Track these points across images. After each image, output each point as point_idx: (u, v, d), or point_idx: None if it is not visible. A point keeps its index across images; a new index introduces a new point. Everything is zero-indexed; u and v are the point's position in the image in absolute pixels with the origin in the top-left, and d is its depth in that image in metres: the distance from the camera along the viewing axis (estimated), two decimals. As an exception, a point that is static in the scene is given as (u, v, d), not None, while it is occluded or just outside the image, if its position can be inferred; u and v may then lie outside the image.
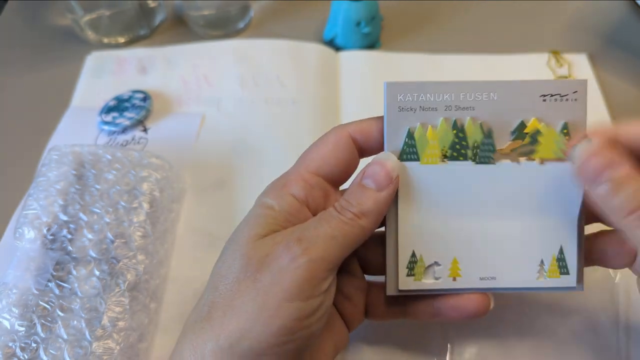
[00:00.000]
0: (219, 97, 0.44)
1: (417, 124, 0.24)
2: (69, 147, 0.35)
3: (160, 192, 0.33)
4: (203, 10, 0.47)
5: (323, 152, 0.24)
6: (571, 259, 0.25)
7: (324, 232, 0.21)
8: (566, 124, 0.24)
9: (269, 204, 0.23)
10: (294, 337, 0.20)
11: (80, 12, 0.46)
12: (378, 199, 0.22)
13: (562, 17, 0.50)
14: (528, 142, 0.24)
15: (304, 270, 0.20)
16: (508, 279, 0.25)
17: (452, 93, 0.23)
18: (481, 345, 0.30)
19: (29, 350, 0.27)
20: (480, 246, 0.24)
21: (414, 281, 0.25)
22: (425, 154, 0.24)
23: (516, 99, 0.24)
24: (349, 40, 0.46)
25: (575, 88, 0.23)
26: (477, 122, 0.24)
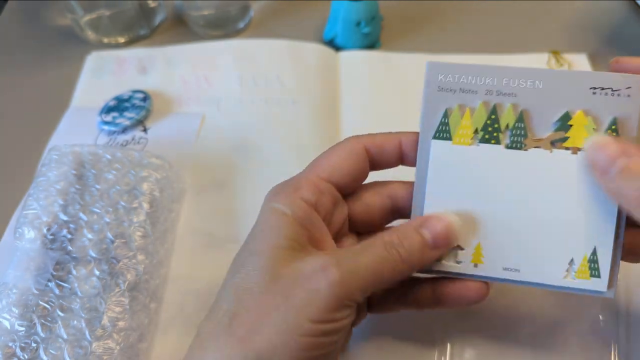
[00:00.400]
0: (219, 97, 0.44)
1: (455, 105, 0.23)
2: (69, 147, 0.35)
3: (160, 192, 0.33)
4: (203, 10, 0.47)
5: (335, 160, 0.24)
6: (604, 261, 0.23)
7: (367, 265, 0.21)
8: (615, 120, 0.23)
9: (282, 210, 0.23)
10: (321, 352, 0.21)
11: (80, 12, 0.46)
12: (427, 254, 0.22)
13: (562, 17, 0.50)
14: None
15: (338, 297, 0.20)
16: (533, 274, 0.24)
17: (495, 77, 0.23)
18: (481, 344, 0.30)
19: (29, 350, 0.27)
20: (506, 234, 0.24)
21: (435, 261, 0.24)
22: (457, 134, 0.24)
23: (563, 89, 0.23)
24: (349, 40, 0.46)
25: (629, 83, 0.22)
26: (518, 109, 0.23)
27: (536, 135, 0.23)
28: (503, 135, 0.23)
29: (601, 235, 0.23)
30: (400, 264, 0.22)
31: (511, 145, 0.23)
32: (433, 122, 0.24)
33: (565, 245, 0.23)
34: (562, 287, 0.24)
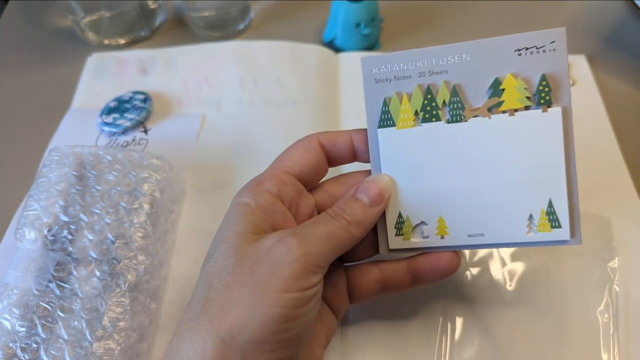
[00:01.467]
0: (219, 98, 0.44)
1: (393, 93, 0.25)
2: (70, 148, 0.35)
3: (160, 192, 0.33)
4: (203, 12, 0.48)
5: (293, 154, 0.26)
6: (562, 211, 0.24)
7: (320, 232, 0.23)
8: (544, 76, 0.23)
9: (245, 201, 0.24)
10: (292, 324, 0.21)
11: (81, 14, 0.46)
12: (369, 213, 0.24)
13: (561, 18, 0.51)
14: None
15: (301, 263, 0.21)
16: (496, 235, 0.25)
17: (425, 59, 0.24)
18: (480, 344, 0.30)
19: (29, 350, 0.27)
20: (465, 203, 0.25)
21: (403, 240, 0.26)
22: (400, 119, 0.25)
23: (490, 57, 0.24)
24: (349, 41, 0.46)
25: (552, 38, 0.23)
26: (450, 84, 0.24)
27: (473, 106, 0.24)
28: (442, 112, 0.25)
29: (553, 187, 0.24)
30: (350, 226, 0.23)
31: (451, 119, 0.24)
32: (375, 112, 0.25)
33: (522, 203, 0.24)
34: (526, 243, 0.25)
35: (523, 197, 0.24)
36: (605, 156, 0.39)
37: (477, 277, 0.32)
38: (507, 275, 0.32)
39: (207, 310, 0.21)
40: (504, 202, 0.24)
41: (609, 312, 0.31)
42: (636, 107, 0.43)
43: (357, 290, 0.27)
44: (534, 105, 0.24)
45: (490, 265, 0.33)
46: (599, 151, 0.39)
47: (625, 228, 0.34)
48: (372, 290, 0.27)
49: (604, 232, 0.34)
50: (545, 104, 0.24)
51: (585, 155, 0.39)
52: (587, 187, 0.37)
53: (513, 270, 0.33)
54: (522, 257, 0.33)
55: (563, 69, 0.23)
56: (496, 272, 0.33)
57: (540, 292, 0.32)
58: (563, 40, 0.23)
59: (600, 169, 0.38)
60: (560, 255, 0.33)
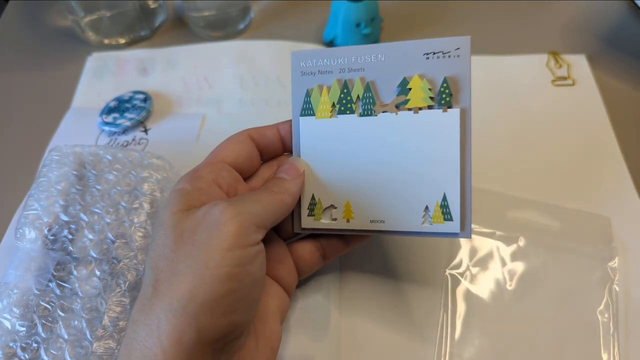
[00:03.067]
0: (219, 98, 0.44)
1: (314, 85, 0.27)
2: (70, 148, 0.35)
3: (160, 192, 0.33)
4: (203, 12, 0.48)
5: (227, 145, 0.28)
6: (454, 205, 0.26)
7: (250, 197, 0.24)
8: (446, 79, 0.25)
9: (181, 187, 0.25)
10: (240, 284, 0.22)
11: (81, 13, 0.46)
12: (291, 183, 0.26)
13: (562, 18, 0.51)
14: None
15: (237, 220, 0.22)
16: (395, 223, 0.27)
17: (345, 57, 0.27)
18: (480, 344, 0.30)
19: (29, 350, 0.27)
20: (370, 191, 0.27)
21: (313, 221, 0.28)
22: (319, 109, 0.27)
23: (401, 58, 0.26)
24: (349, 41, 0.46)
25: (457, 45, 0.25)
26: (365, 81, 0.27)
27: (383, 102, 0.26)
28: (356, 106, 0.27)
29: (448, 183, 0.26)
30: (277, 194, 0.25)
31: (363, 113, 0.27)
32: (299, 102, 0.28)
33: (420, 195, 0.26)
34: (421, 233, 0.27)
35: (421, 189, 0.26)
36: (605, 156, 0.39)
37: (477, 276, 0.32)
38: (507, 275, 0.32)
39: (157, 289, 0.21)
40: (403, 192, 0.26)
41: (609, 312, 0.31)
42: (636, 107, 0.43)
43: (303, 262, 0.29)
44: (436, 105, 0.26)
45: (490, 265, 0.33)
46: (599, 151, 0.39)
47: (625, 228, 0.34)
48: (314, 259, 0.29)
49: (604, 232, 0.34)
50: (446, 104, 0.26)
51: (586, 156, 0.39)
52: (587, 187, 0.37)
53: (513, 270, 0.33)
54: (522, 257, 0.33)
55: (465, 73, 0.25)
56: (496, 272, 0.33)
57: (540, 292, 0.32)
58: (467, 48, 0.25)
59: (600, 169, 0.38)
60: (560, 255, 0.33)
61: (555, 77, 0.44)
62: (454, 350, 0.30)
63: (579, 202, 0.35)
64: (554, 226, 0.34)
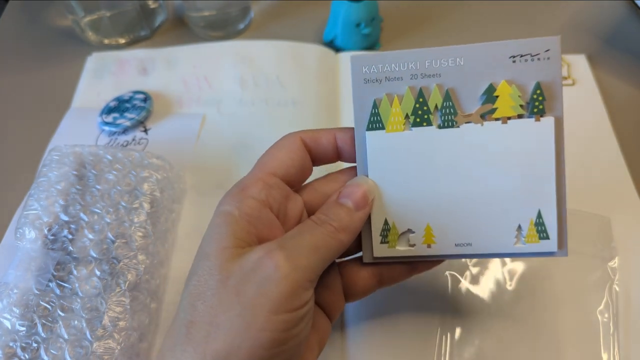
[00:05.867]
0: (219, 98, 0.44)
1: (383, 95, 0.24)
2: (70, 148, 0.35)
3: (160, 192, 0.33)
4: (203, 12, 0.48)
5: (278, 154, 0.24)
6: (551, 222, 0.24)
7: (307, 242, 0.21)
8: (539, 84, 0.23)
9: (228, 210, 0.22)
10: (284, 347, 0.20)
11: (81, 13, 0.46)
12: (355, 217, 0.23)
13: (562, 18, 0.51)
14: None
15: (290, 280, 0.20)
16: (484, 245, 0.24)
17: (417, 61, 0.23)
18: (480, 344, 0.30)
19: (29, 350, 0.27)
20: (453, 212, 0.24)
21: (388, 248, 0.25)
22: (390, 122, 0.24)
23: (484, 62, 0.23)
24: (349, 41, 0.46)
25: (547, 46, 0.23)
26: (443, 88, 0.24)
27: (465, 111, 0.24)
28: (434, 116, 0.24)
29: (543, 198, 0.23)
30: (337, 233, 0.22)
31: (443, 124, 0.24)
32: (364, 114, 0.24)
33: (511, 213, 0.24)
34: (515, 254, 0.24)
35: (512, 207, 0.24)
36: (605, 156, 0.39)
37: (477, 276, 0.32)
38: (507, 275, 0.32)
39: (191, 335, 0.20)
40: (493, 211, 0.24)
41: (609, 311, 0.31)
42: (636, 107, 0.43)
43: (354, 288, 0.26)
44: (527, 114, 0.23)
45: (490, 265, 0.33)
46: (599, 151, 0.39)
47: (625, 228, 0.34)
48: (369, 285, 0.26)
49: (604, 232, 0.34)
50: (539, 113, 0.23)
51: (585, 155, 0.39)
52: (587, 187, 0.37)
53: (513, 270, 0.33)
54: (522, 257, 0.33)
55: (557, 78, 0.23)
56: (496, 271, 0.33)
57: (540, 291, 0.32)
58: (557, 49, 0.23)
59: (600, 169, 0.38)
60: (560, 255, 0.33)
61: (555, 77, 0.44)
62: (454, 350, 0.30)
63: (579, 202, 0.35)
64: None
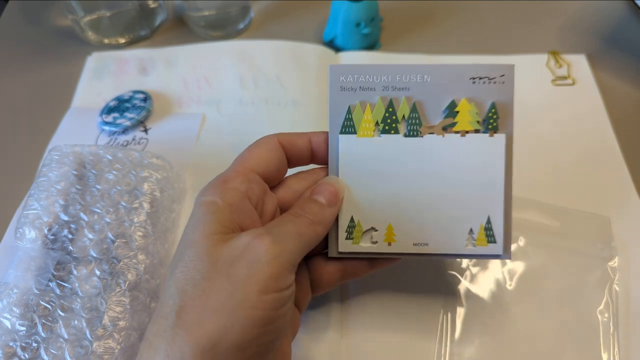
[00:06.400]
0: (219, 98, 0.44)
1: (357, 102, 0.26)
2: (70, 148, 0.35)
3: (160, 192, 0.33)
4: (203, 11, 0.48)
5: (257, 153, 0.26)
6: (498, 228, 0.26)
7: (290, 230, 0.23)
8: (494, 104, 0.26)
9: (211, 200, 0.23)
10: (272, 326, 0.21)
11: (81, 13, 0.46)
12: (327, 212, 0.25)
13: (562, 18, 0.51)
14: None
15: (278, 262, 0.21)
16: (439, 246, 0.26)
17: (390, 75, 0.26)
18: (480, 343, 0.30)
19: (29, 349, 0.27)
20: (413, 214, 0.26)
21: (352, 244, 0.27)
22: (361, 127, 0.26)
23: (448, 81, 0.26)
24: (349, 41, 0.46)
25: (502, 72, 0.26)
26: (411, 100, 0.26)
27: (429, 123, 0.26)
28: (401, 126, 0.26)
29: (493, 206, 0.26)
30: (313, 225, 0.24)
31: (409, 133, 0.26)
32: (339, 119, 0.26)
33: (464, 218, 0.26)
34: (465, 255, 0.27)
35: (466, 212, 0.26)
36: (605, 156, 0.39)
37: (477, 276, 0.32)
38: (507, 274, 0.32)
39: (182, 319, 0.20)
40: (448, 215, 0.26)
41: (609, 311, 0.31)
42: (636, 107, 0.43)
43: (320, 281, 0.27)
44: (483, 129, 0.26)
45: (490, 265, 0.33)
46: (599, 151, 0.39)
47: (625, 228, 0.34)
48: (333, 278, 0.27)
49: (604, 232, 0.34)
50: (493, 129, 0.26)
51: (585, 155, 0.39)
52: (587, 187, 0.37)
53: (513, 270, 0.33)
54: (522, 257, 0.33)
55: (509, 100, 0.26)
56: (496, 271, 0.33)
57: (540, 291, 0.32)
58: (511, 75, 0.26)
59: (600, 169, 0.38)
60: (560, 255, 0.33)
61: (556, 77, 0.45)
62: (454, 350, 0.30)
63: (579, 202, 0.35)
64: (554, 226, 0.34)
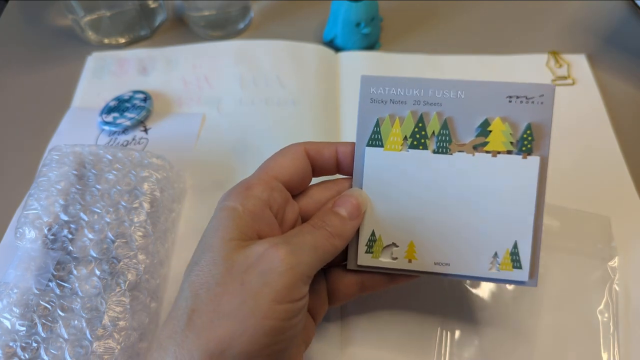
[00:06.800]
0: (219, 98, 0.44)
1: (386, 115, 0.26)
2: (70, 147, 0.35)
3: (160, 192, 0.33)
4: (203, 11, 0.48)
5: (282, 161, 0.26)
6: (525, 253, 0.25)
7: (307, 241, 0.23)
8: (530, 125, 0.25)
9: (232, 206, 0.23)
10: (282, 337, 0.21)
11: (81, 13, 0.46)
12: (348, 226, 0.24)
13: (562, 18, 0.51)
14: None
15: (293, 273, 0.21)
16: (461, 267, 0.26)
17: (422, 89, 0.25)
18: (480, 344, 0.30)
19: (29, 349, 0.27)
20: (436, 232, 0.25)
21: (372, 258, 0.26)
22: (389, 141, 0.26)
23: (482, 98, 0.25)
24: (349, 41, 0.46)
25: (542, 92, 0.24)
26: (442, 116, 0.25)
27: (460, 141, 0.25)
28: (430, 141, 0.25)
29: (521, 231, 0.25)
30: (332, 238, 0.24)
31: (437, 150, 0.25)
32: (367, 131, 0.26)
33: (490, 240, 0.25)
34: (488, 279, 0.26)
35: (492, 235, 0.25)
36: (605, 156, 0.39)
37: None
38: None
39: (193, 322, 0.20)
40: (473, 237, 0.25)
41: (609, 311, 0.31)
42: (636, 107, 0.43)
43: (337, 293, 0.27)
44: (516, 151, 0.25)
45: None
46: (599, 151, 0.39)
47: (625, 228, 0.34)
48: (351, 291, 0.27)
49: (604, 232, 0.34)
50: (526, 151, 0.25)
51: (585, 155, 0.39)
52: (587, 187, 0.37)
53: (513, 270, 0.33)
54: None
55: (548, 121, 0.25)
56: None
57: (541, 291, 0.32)
58: (551, 96, 0.24)
59: (600, 169, 0.38)
60: (560, 255, 0.33)
61: (556, 77, 0.45)
62: (454, 350, 0.30)
63: (579, 202, 0.35)
64: (554, 226, 0.34)
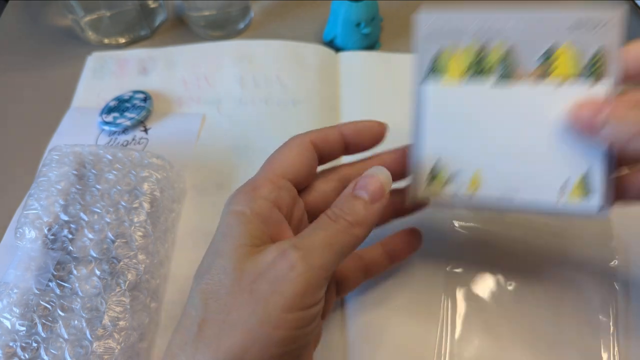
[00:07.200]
0: (219, 98, 0.44)
1: (446, 46, 0.25)
2: (70, 147, 0.35)
3: (160, 192, 0.33)
4: (203, 11, 0.48)
5: (287, 156, 0.25)
6: (596, 182, 0.24)
7: (321, 240, 0.21)
8: (599, 50, 0.23)
9: (240, 209, 0.22)
10: (295, 346, 0.20)
11: (81, 13, 0.46)
12: (371, 210, 0.22)
13: (562, 18, 0.50)
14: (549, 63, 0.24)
15: (304, 279, 0.20)
16: (527, 199, 0.25)
17: (483, 20, 0.24)
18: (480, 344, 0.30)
19: (29, 349, 0.27)
20: (501, 163, 0.25)
21: (433, 191, 0.25)
22: (448, 73, 0.25)
23: (546, 26, 0.24)
24: (349, 41, 0.46)
25: (611, 16, 0.23)
26: (504, 47, 0.24)
27: (524, 70, 0.24)
28: (492, 72, 0.24)
29: (592, 159, 0.24)
30: (352, 228, 0.22)
31: (500, 80, 0.24)
32: (424, 65, 0.25)
33: (559, 170, 0.24)
34: (556, 211, 0.25)
35: (562, 163, 0.24)
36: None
37: (477, 276, 0.32)
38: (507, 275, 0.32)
39: (203, 332, 0.20)
40: (540, 166, 0.24)
41: (609, 311, 0.31)
42: (636, 107, 0.43)
43: (346, 283, 0.27)
44: (583, 78, 0.24)
45: (490, 265, 0.33)
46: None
47: (625, 228, 0.34)
48: (358, 279, 0.27)
49: (604, 232, 0.34)
50: (595, 77, 0.24)
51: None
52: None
53: (513, 270, 0.33)
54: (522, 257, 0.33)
55: (617, 45, 0.23)
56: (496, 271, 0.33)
57: (541, 291, 0.32)
58: (621, 19, 0.23)
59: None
60: (560, 255, 0.33)
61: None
62: (454, 350, 0.30)
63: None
64: (554, 226, 0.34)
